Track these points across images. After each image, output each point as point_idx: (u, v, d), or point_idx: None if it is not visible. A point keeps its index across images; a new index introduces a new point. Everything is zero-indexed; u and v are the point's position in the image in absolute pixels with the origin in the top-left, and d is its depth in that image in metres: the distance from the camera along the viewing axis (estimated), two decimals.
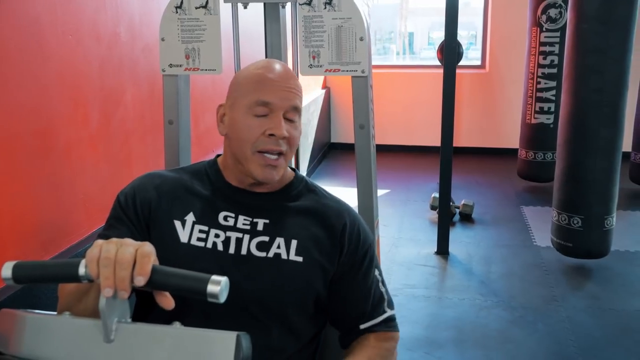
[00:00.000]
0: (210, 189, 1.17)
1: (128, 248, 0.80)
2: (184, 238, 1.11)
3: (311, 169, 5.29)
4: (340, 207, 1.21)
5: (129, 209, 1.13)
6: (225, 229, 1.12)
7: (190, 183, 1.18)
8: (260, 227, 1.13)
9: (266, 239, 1.12)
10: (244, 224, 1.13)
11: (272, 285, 1.10)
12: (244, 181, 1.16)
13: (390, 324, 1.21)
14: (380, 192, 4.80)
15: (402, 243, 3.75)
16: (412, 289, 3.10)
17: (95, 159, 1.95)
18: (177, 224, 1.12)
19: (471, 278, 3.25)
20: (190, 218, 1.12)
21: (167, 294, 0.81)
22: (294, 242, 1.13)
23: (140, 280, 0.78)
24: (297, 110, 1.13)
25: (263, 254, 1.11)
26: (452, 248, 3.58)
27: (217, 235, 1.11)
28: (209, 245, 1.10)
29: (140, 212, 1.13)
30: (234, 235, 1.11)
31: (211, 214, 1.13)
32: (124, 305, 0.81)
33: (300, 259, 1.12)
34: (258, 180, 1.13)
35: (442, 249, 3.55)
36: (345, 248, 1.16)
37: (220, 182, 1.18)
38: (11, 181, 1.55)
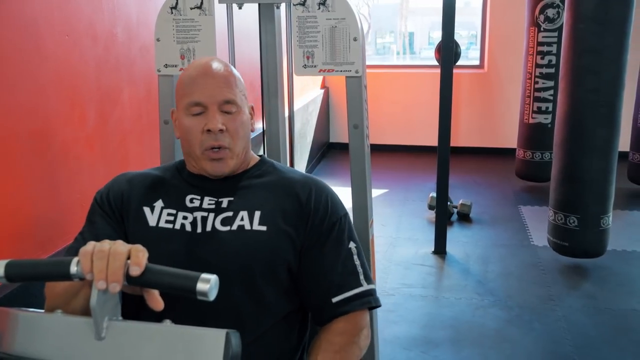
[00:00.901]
0: (178, 179, 1.24)
1: (121, 246, 0.84)
2: (152, 222, 1.16)
3: (310, 169, 5.30)
4: (306, 179, 1.24)
5: (104, 204, 1.21)
6: (192, 210, 1.17)
7: (161, 175, 1.25)
8: (224, 204, 1.18)
9: (230, 214, 1.16)
10: (209, 204, 1.18)
11: (238, 256, 1.12)
12: (203, 174, 1.22)
13: (365, 299, 1.17)
14: (379, 191, 4.81)
15: (400, 242, 3.76)
16: (409, 288, 3.10)
17: (92, 158, 1.96)
18: (147, 210, 1.18)
19: (468, 277, 3.26)
20: (159, 204, 1.19)
21: (157, 295, 0.83)
22: (257, 213, 1.16)
23: (136, 270, 0.81)
24: (231, 102, 1.17)
25: (227, 228, 1.15)
26: (450, 247, 3.59)
27: (185, 217, 1.16)
28: (177, 226, 1.15)
29: (114, 205, 1.20)
30: (199, 214, 1.16)
31: (178, 198, 1.20)
32: (114, 303, 0.82)
33: (264, 228, 1.14)
34: (211, 175, 1.19)
35: (440, 249, 3.56)
36: (311, 217, 1.17)
37: (186, 173, 1.24)
38: (8, 180, 1.56)
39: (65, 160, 1.81)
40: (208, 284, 0.78)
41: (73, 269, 0.82)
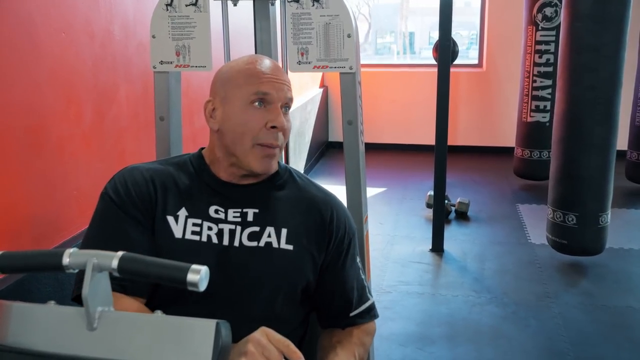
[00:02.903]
0: (198, 183, 1.18)
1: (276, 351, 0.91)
2: (178, 233, 1.11)
3: (309, 168, 5.31)
4: (326, 197, 1.25)
5: (128, 207, 1.11)
6: (217, 221, 1.14)
7: (178, 176, 1.18)
8: (250, 217, 1.15)
9: (257, 229, 1.15)
10: (234, 217, 1.15)
11: (265, 274, 1.13)
12: (234, 174, 1.18)
13: (372, 312, 1.26)
14: (377, 190, 4.82)
15: (398, 240, 3.77)
16: (406, 285, 3.11)
17: (89, 155, 1.96)
18: (170, 219, 1.12)
19: (465, 275, 3.27)
20: (182, 213, 1.13)
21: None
22: (284, 231, 1.15)
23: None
24: (291, 100, 1.17)
25: (254, 244, 1.13)
26: (447, 245, 3.60)
27: (210, 228, 1.13)
28: (204, 238, 1.12)
29: (142, 207, 1.12)
30: (226, 227, 1.13)
31: (202, 207, 1.15)
32: (106, 294, 0.83)
33: (290, 247, 1.15)
34: (256, 173, 1.15)
35: (437, 247, 3.57)
36: (334, 237, 1.19)
37: (208, 176, 1.19)
38: (3, 176, 1.57)
39: (61, 156, 1.82)
40: (198, 275, 0.78)
41: (65, 260, 0.82)
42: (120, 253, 0.82)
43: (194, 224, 1.12)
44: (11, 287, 1.54)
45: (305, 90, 5.37)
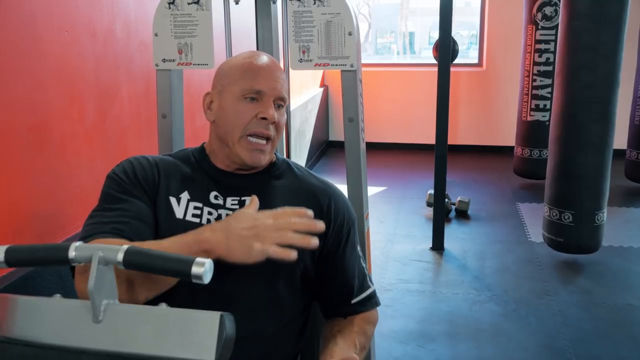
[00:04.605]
0: (199, 172, 1.22)
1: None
2: (179, 214, 1.15)
3: (309, 167, 5.33)
4: (324, 185, 1.27)
5: (133, 183, 1.15)
6: (216, 207, 1.17)
7: (181, 165, 1.23)
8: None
9: None
10: (232, 204, 1.18)
11: (264, 260, 1.13)
12: (230, 165, 1.21)
13: (373, 300, 1.28)
14: (377, 189, 4.83)
15: (398, 239, 3.78)
16: (406, 283, 3.13)
17: (91, 153, 1.98)
18: (173, 200, 1.16)
19: (465, 273, 3.28)
20: (185, 196, 1.17)
21: None
22: None
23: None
24: (284, 99, 1.20)
25: None
26: (448, 244, 3.61)
27: (210, 213, 1.16)
28: (204, 221, 1.15)
29: (146, 186, 1.16)
30: (224, 212, 1.17)
31: (204, 192, 1.18)
32: (111, 286, 0.84)
33: None
34: (246, 164, 1.18)
35: (437, 245, 3.58)
36: (332, 225, 1.21)
37: (207, 166, 1.23)
38: (7, 174, 1.58)
39: (63, 154, 1.83)
40: (203, 268, 0.80)
41: (71, 254, 0.83)
42: (125, 246, 0.83)
43: (195, 207, 1.16)
44: (15, 282, 1.55)
45: (306, 90, 5.38)
